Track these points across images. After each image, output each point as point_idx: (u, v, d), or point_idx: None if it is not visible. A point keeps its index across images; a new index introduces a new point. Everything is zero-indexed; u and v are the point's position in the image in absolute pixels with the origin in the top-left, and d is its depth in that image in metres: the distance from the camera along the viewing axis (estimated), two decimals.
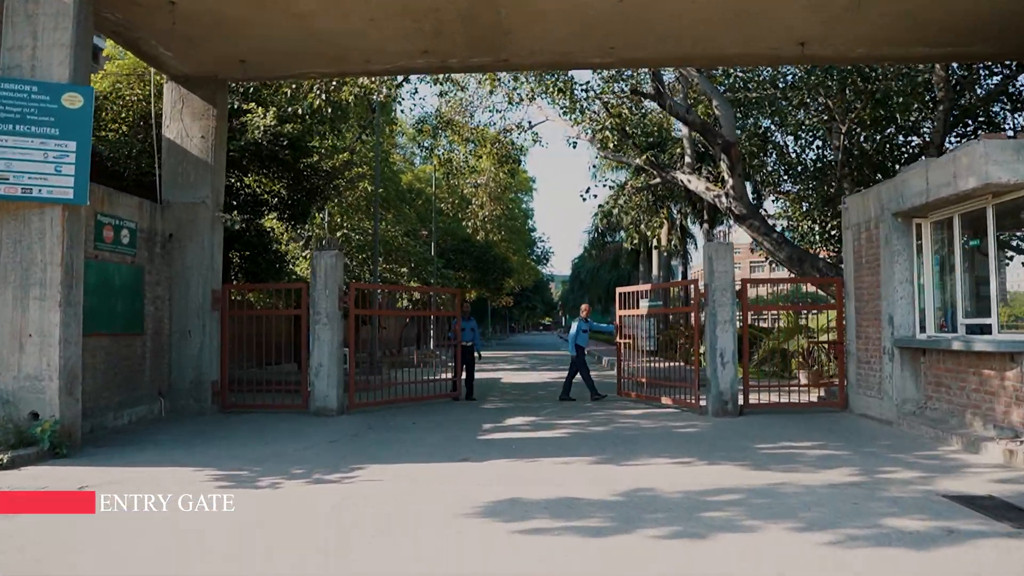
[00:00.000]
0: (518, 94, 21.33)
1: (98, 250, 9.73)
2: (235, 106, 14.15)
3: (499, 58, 10.95)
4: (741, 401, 11.09)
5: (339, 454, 8.09)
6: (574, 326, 14.01)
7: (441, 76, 21.63)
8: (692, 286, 11.69)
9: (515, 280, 40.86)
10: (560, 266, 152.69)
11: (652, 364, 18.32)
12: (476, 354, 14.24)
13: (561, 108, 19.44)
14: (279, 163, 14.47)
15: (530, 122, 21.99)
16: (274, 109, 13.99)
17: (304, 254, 21.23)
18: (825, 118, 15.26)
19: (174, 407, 11.27)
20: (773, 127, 18.28)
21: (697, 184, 16.94)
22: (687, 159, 17.31)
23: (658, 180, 17.90)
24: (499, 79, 21.84)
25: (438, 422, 10.61)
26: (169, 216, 11.52)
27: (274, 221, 17.49)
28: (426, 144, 23.66)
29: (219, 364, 11.65)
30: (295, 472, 7.09)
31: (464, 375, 13.90)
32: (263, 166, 14.66)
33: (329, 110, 14.28)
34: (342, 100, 14.54)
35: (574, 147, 19.49)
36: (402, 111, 34.38)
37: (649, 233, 26.51)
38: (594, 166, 19.43)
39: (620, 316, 14.10)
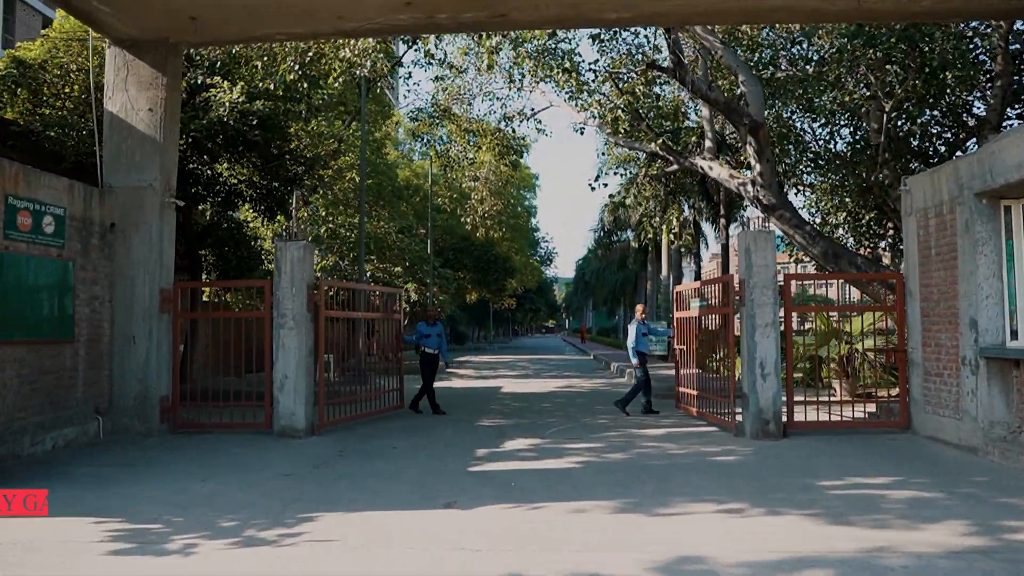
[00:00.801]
0: (519, 72, 19.69)
1: (9, 240, 8.03)
2: (198, 81, 12.48)
3: (496, 13, 9.25)
4: (784, 419, 9.34)
5: (291, 495, 6.36)
6: (631, 330, 12.29)
7: (437, 60, 20.06)
8: (724, 284, 9.97)
9: (517, 281, 39.12)
10: (563, 268, 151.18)
11: (660, 372, 16.72)
12: (443, 363, 12.65)
13: (567, 92, 17.77)
14: (249, 146, 12.77)
15: (532, 109, 20.26)
16: (242, 84, 12.29)
17: None
18: (867, 94, 13.51)
19: (115, 427, 9.56)
20: (798, 112, 16.53)
21: (719, 171, 15.21)
22: (707, 143, 15.57)
23: (675, 167, 16.17)
24: (498, 62, 20.21)
25: (423, 445, 8.88)
26: (111, 202, 9.82)
27: (250, 214, 15.79)
28: (423, 137, 22.02)
29: (169, 376, 9.95)
30: (224, 525, 5.37)
31: (423, 386, 12.35)
32: (231, 149, 12.96)
33: (305, 85, 12.58)
34: (319, 74, 12.83)
35: (581, 133, 17.79)
36: (397, 103, 32.80)
37: (664, 228, 24.76)
38: (603, 153, 17.77)
39: (677, 318, 12.37)
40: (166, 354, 9.90)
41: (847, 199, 15.75)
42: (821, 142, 17.30)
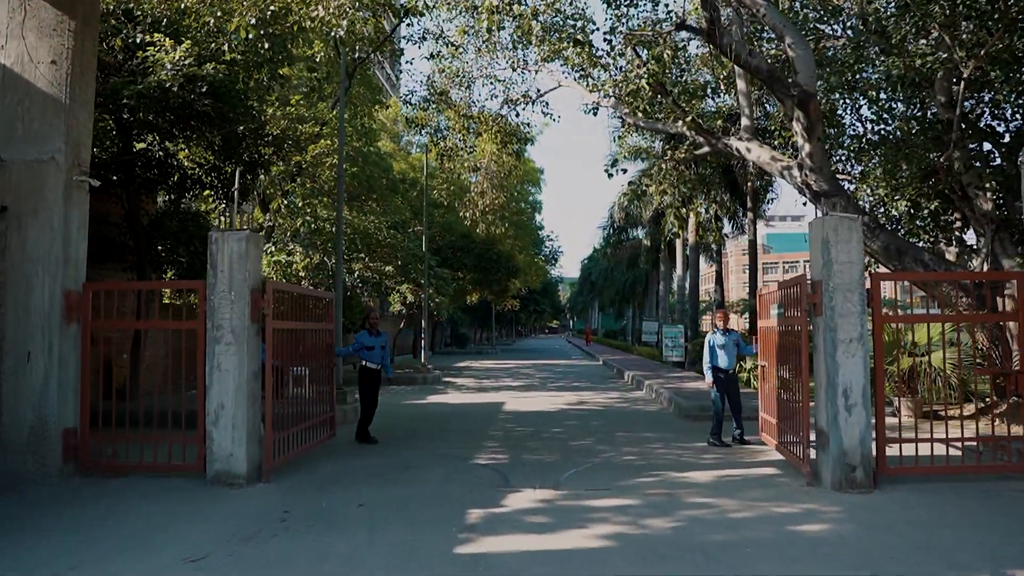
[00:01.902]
0: (523, 50, 17.53)
1: None
2: (137, 40, 10.31)
3: None
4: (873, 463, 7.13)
5: None
6: (712, 341, 10.12)
7: (432, 35, 17.93)
8: (798, 287, 7.74)
9: (521, 281, 36.89)
10: (567, 268, 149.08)
11: (685, 384, 14.42)
12: (386, 377, 10.46)
13: (577, 71, 15.60)
14: (200, 119, 10.60)
15: (539, 90, 18.09)
16: (188, 43, 10.12)
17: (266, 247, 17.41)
18: (943, 56, 11.26)
19: (4, 468, 7.39)
20: (845, 87, 14.29)
21: (759, 153, 12.99)
22: (743, 121, 13.34)
23: (705, 150, 13.95)
24: (500, 41, 18.10)
25: (399, 500, 6.68)
26: (1, 181, 7.66)
27: (211, 203, 13.63)
28: (417, 124, 19.87)
29: (76, 402, 7.77)
30: None
31: (363, 409, 10.26)
32: (179, 123, 10.80)
33: (267, 46, 10.40)
34: (286, 33, 10.66)
35: (594, 114, 15.55)
36: (396, 91, 30.62)
37: (691, 219, 22.55)
38: (619, 137, 15.61)
39: (760, 328, 10.01)
40: (72, 375, 7.72)
41: (907, 185, 13.52)
42: (869, 123, 15.10)
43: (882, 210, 14.34)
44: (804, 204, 13.60)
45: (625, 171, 15.93)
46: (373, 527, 5.82)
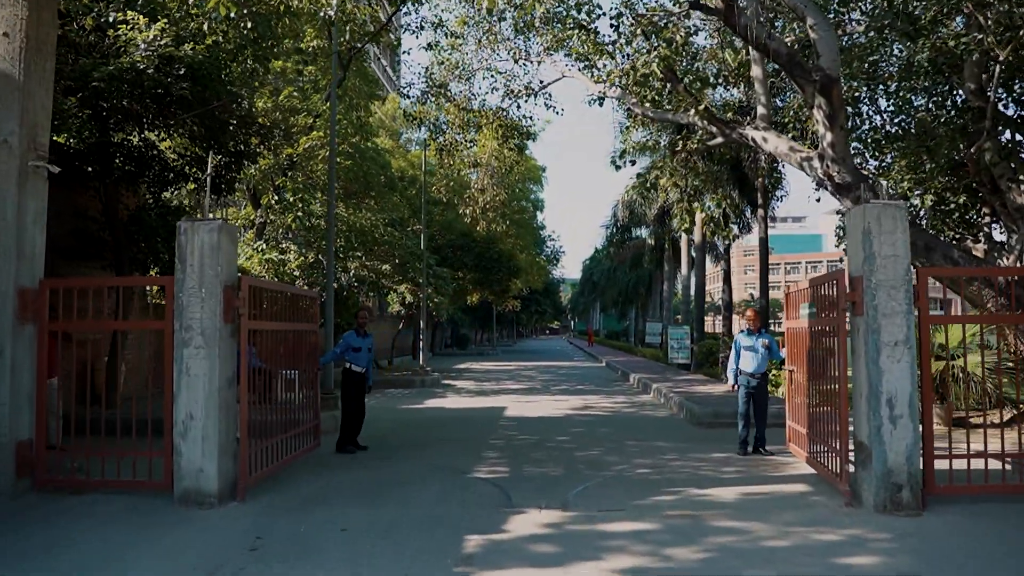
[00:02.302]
0: (524, 40, 16.86)
1: None
2: (109, 18, 9.55)
3: None
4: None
5: None
6: (739, 342, 9.41)
7: (431, 23, 17.23)
8: (834, 284, 6.96)
9: (523, 281, 36.11)
10: (568, 269, 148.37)
11: (694, 388, 13.83)
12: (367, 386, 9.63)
13: (582, 60, 14.88)
14: (177, 103, 9.85)
15: (541, 81, 17.34)
16: (164, 22, 9.37)
17: (245, 239, 16.66)
18: (977, 37, 10.50)
19: None
20: (864, 76, 13.55)
21: (776, 143, 12.23)
22: (760, 110, 12.58)
23: (718, 140, 13.17)
24: (501, 32, 17.42)
25: (388, 525, 5.91)
26: None
27: (196, 197, 12.88)
28: (416, 118, 19.13)
29: (32, 412, 7.01)
30: None
31: (344, 417, 9.46)
32: (155, 109, 10.05)
33: (249, 25, 9.63)
34: (271, 11, 9.91)
35: (600, 104, 14.79)
36: (396, 83, 29.88)
37: (700, 215, 21.72)
38: (626, 128, 14.84)
39: (788, 329, 9.17)
40: (27, 381, 6.96)
41: (932, 179, 12.76)
42: (888, 114, 14.34)
43: (906, 205, 13.55)
44: (809, 200, 12.84)
45: (634, 162, 15.15)
46: (356, 558, 5.06)
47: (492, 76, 18.12)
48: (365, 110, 19.35)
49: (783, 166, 20.86)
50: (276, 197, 16.65)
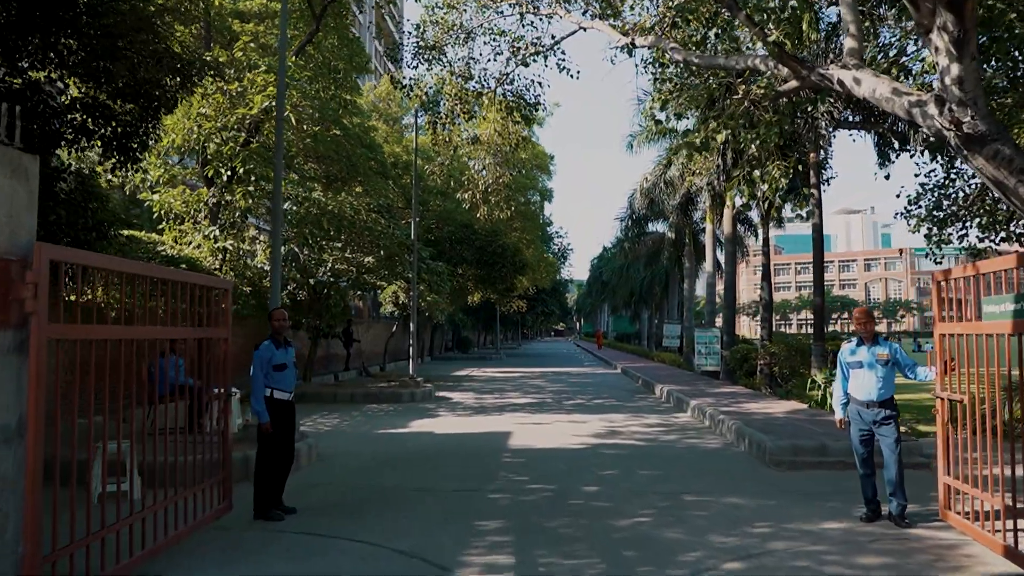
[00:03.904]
0: (533, 3, 14.00)
1: None
2: None
3: None
4: None
5: None
6: (844, 357, 6.43)
7: None
8: None
9: (529, 279, 33.03)
10: (573, 271, 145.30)
11: (744, 406, 9.90)
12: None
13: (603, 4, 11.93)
14: (67, 26, 6.86)
15: (553, 36, 14.45)
16: None
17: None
18: None
19: None
20: None
21: (873, 84, 9.11)
22: (848, 43, 9.49)
23: (792, 85, 10.11)
24: None
25: None
26: None
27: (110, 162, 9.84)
28: (403, 86, 16.18)
29: None
30: None
31: (263, 467, 6.29)
32: (40, 30, 7.07)
33: None
34: None
35: (629, 54, 11.76)
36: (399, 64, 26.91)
37: (729, 203, 18.67)
38: (662, 81, 11.75)
39: (941, 335, 6.15)
40: None
41: None
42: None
43: None
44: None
45: (680, 116, 12.07)
46: None
47: (495, 39, 15.26)
48: (345, 76, 16.33)
49: (834, 135, 17.74)
50: (228, 172, 13.64)
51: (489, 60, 17.87)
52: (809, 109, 14.39)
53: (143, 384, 6.20)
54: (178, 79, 8.66)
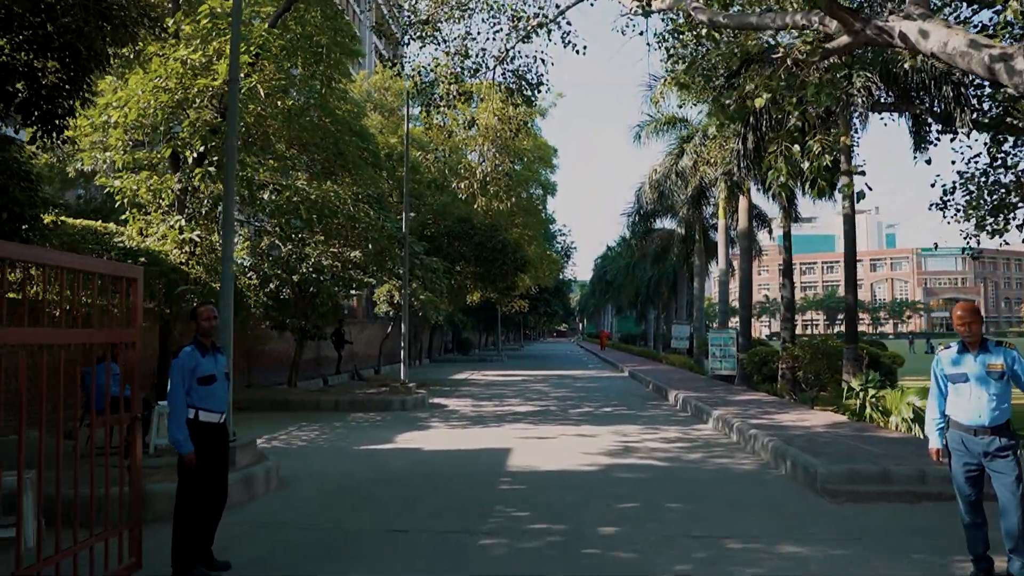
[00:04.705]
0: None
1: None
2: None
3: None
4: None
5: None
6: (941, 367, 4.98)
7: None
8: None
9: (532, 278, 31.52)
10: (576, 271, 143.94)
11: (775, 417, 8.72)
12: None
13: None
14: None
15: (558, 5, 12.94)
16: None
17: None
18: None
19: None
20: None
21: (943, 36, 7.63)
22: None
23: (843, 41, 8.63)
24: None
25: None
26: None
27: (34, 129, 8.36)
28: (392, 63, 14.73)
29: None
30: None
31: (184, 511, 4.79)
32: None
33: None
34: None
35: (645, 14, 10.30)
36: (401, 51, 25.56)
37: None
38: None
39: None
40: None
41: None
42: None
43: None
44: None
45: (708, 78, 10.57)
46: None
47: (494, 16, 13.95)
48: (329, 52, 14.81)
49: (869, 118, 16.22)
50: (194, 155, 12.15)
51: (488, 39, 16.38)
52: (844, 85, 12.93)
53: (60, 396, 4.74)
54: (108, 27, 7.18)
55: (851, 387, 12.52)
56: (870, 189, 9.08)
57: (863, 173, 8.87)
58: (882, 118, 16.92)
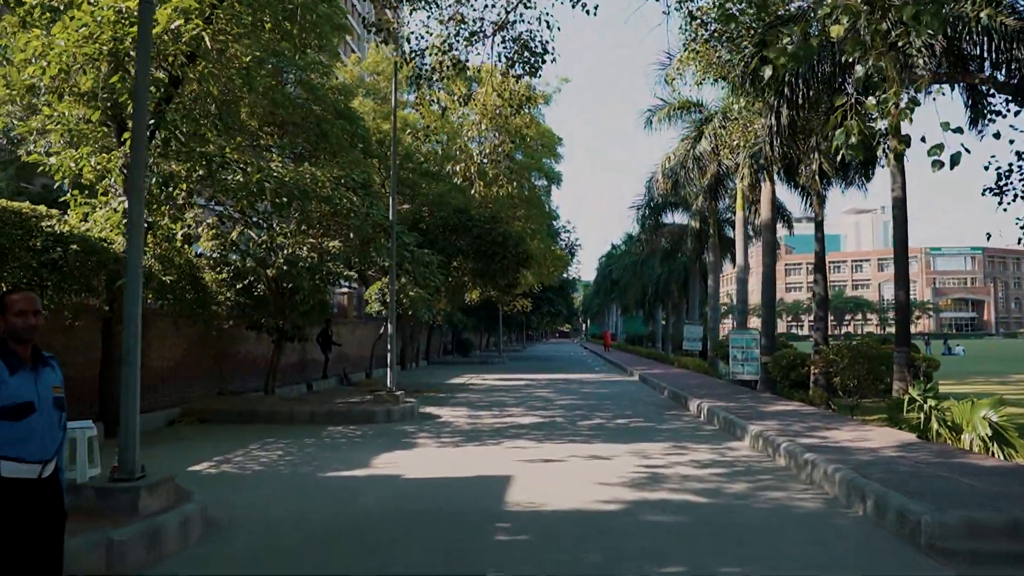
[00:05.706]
0: None
1: None
2: None
3: None
4: None
5: None
6: None
7: None
8: None
9: (535, 276, 29.65)
10: (579, 270, 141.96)
11: (827, 434, 7.32)
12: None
13: None
14: None
15: None
16: None
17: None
18: None
19: None
20: None
21: None
22: None
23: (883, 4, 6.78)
24: None
25: None
26: None
27: None
28: (378, 29, 12.96)
29: None
30: None
31: None
32: None
33: None
34: None
35: None
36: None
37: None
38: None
39: None
40: None
41: None
42: None
43: None
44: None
45: (731, 16, 8.76)
46: None
47: None
48: (304, 14, 13.00)
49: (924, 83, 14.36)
50: (153, 121, 10.31)
51: (485, 6, 14.49)
52: (900, 44, 11.10)
53: None
54: None
55: (912, 397, 10.65)
56: (967, 151, 7.18)
57: (960, 130, 7.06)
58: (929, 91, 15.12)
